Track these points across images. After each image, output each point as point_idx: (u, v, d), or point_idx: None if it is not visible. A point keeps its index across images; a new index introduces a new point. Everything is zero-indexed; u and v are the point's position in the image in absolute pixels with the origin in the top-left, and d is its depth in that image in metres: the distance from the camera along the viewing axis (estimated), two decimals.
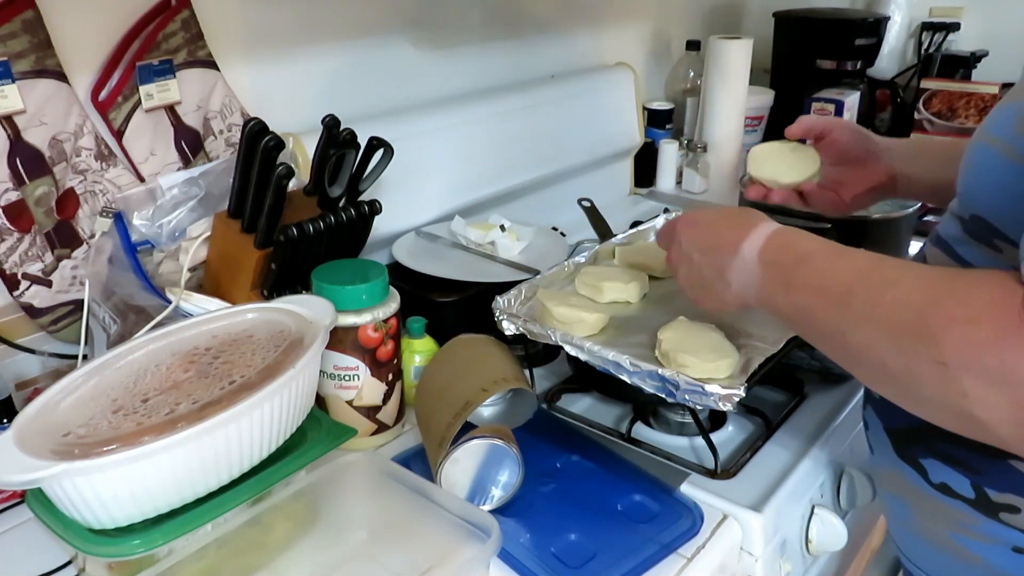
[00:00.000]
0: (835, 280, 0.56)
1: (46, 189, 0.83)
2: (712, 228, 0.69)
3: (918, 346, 0.47)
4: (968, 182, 0.58)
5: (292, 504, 0.66)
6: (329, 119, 0.83)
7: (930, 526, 0.63)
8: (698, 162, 1.59)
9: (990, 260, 0.55)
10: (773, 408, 0.88)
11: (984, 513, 0.58)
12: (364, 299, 0.78)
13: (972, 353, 0.45)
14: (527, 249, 1.13)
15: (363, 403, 0.81)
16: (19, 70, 0.78)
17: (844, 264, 0.56)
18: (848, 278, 0.55)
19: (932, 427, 0.58)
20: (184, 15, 0.90)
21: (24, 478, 0.54)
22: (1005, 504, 0.57)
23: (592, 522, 0.72)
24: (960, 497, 0.59)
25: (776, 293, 0.61)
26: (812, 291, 0.57)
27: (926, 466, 0.61)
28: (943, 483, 0.60)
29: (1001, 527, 0.57)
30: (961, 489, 0.59)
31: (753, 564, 0.74)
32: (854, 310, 0.53)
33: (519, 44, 1.37)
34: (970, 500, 0.59)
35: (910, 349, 0.48)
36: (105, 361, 0.67)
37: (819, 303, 0.56)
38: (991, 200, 0.55)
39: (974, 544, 0.60)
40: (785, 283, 0.60)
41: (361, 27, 1.12)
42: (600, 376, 0.76)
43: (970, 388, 0.45)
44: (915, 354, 0.48)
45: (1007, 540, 0.58)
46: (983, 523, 0.58)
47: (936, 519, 0.62)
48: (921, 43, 1.90)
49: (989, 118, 0.57)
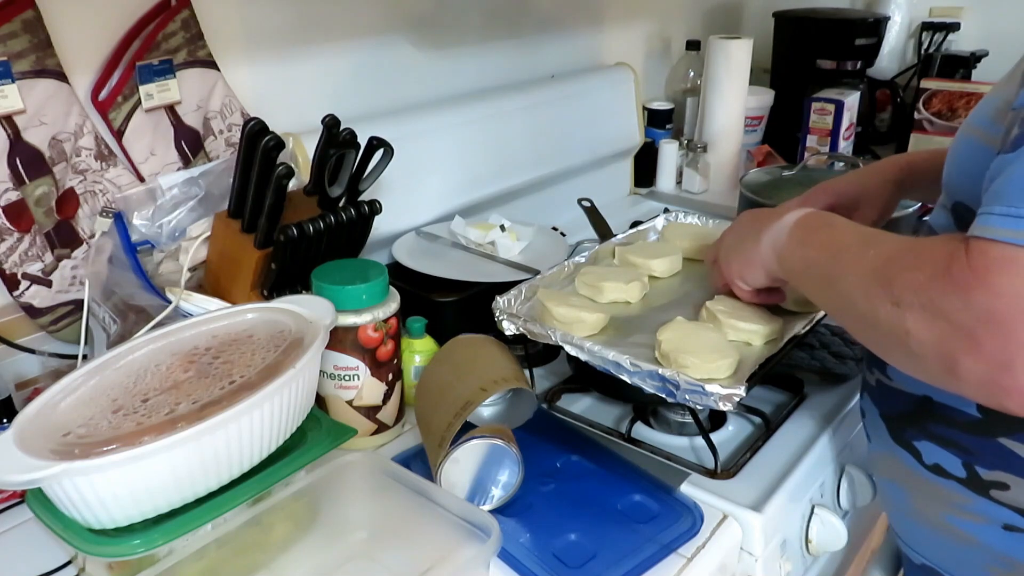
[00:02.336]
0: (840, 240, 0.62)
1: (46, 189, 0.83)
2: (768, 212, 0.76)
3: (879, 290, 0.53)
4: (951, 172, 0.64)
5: (292, 504, 0.66)
6: (329, 119, 0.83)
7: (925, 509, 0.67)
8: (698, 162, 1.59)
9: None
10: (773, 408, 0.88)
11: (975, 491, 0.62)
12: (364, 299, 0.78)
13: (913, 294, 0.51)
14: (527, 249, 1.13)
15: (363, 403, 0.81)
16: (19, 70, 0.78)
17: (855, 230, 0.63)
18: (849, 239, 0.61)
19: (925, 410, 0.64)
20: (184, 15, 0.90)
21: (24, 478, 0.54)
22: (994, 481, 0.61)
23: (592, 522, 0.72)
24: (952, 477, 0.63)
25: (793, 249, 0.68)
26: (818, 247, 0.65)
27: (920, 448, 0.65)
28: (936, 464, 0.64)
29: (992, 505, 0.61)
30: (953, 469, 0.63)
31: (753, 564, 0.74)
32: (844, 261, 0.59)
33: (519, 44, 1.37)
34: (962, 479, 0.62)
35: (873, 293, 0.54)
36: (105, 361, 0.67)
37: (821, 256, 0.63)
38: (971, 187, 0.58)
39: (967, 524, 0.63)
40: (803, 241, 0.67)
41: (361, 27, 1.12)
42: (600, 376, 0.76)
43: (912, 326, 0.51)
44: (875, 297, 0.54)
45: (998, 518, 0.61)
46: (975, 502, 0.62)
47: (930, 501, 0.65)
48: (921, 43, 1.90)
49: (972, 112, 0.64)
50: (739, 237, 0.78)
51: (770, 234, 0.71)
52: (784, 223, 0.70)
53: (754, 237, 0.74)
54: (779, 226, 0.70)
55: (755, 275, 0.76)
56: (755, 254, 0.74)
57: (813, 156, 1.45)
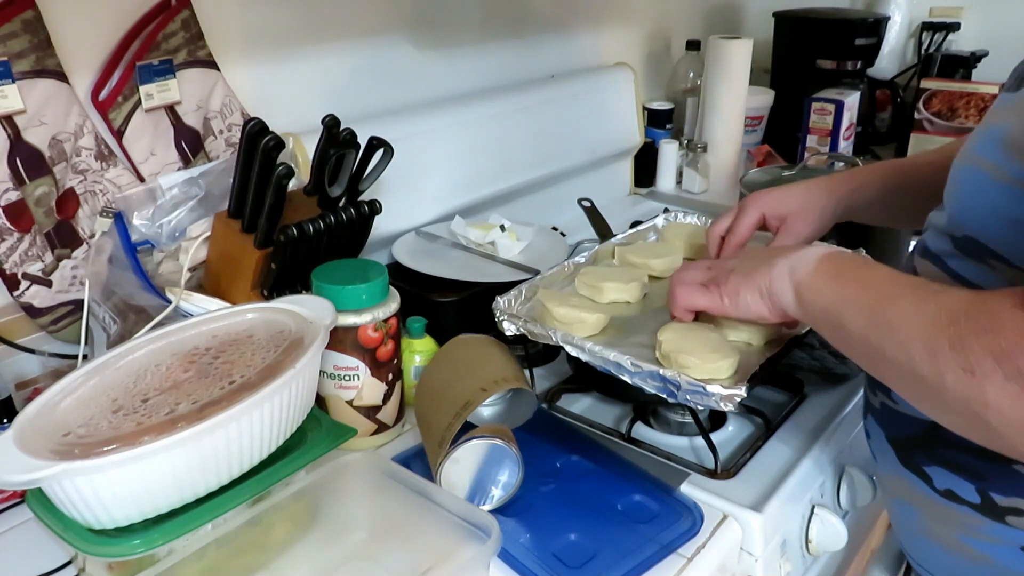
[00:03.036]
0: (884, 283, 0.57)
1: (46, 189, 0.83)
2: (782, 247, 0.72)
3: (949, 352, 0.48)
4: (958, 205, 0.59)
5: (292, 504, 0.66)
6: (329, 119, 0.83)
7: (938, 530, 0.64)
8: (698, 162, 1.59)
9: (984, 275, 0.56)
10: (773, 408, 0.88)
11: (990, 517, 0.59)
12: (364, 299, 0.78)
13: (994, 362, 0.45)
14: (527, 249, 1.13)
15: (363, 403, 0.81)
16: (19, 70, 0.78)
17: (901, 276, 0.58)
18: (899, 285, 0.56)
19: (935, 436, 0.60)
20: (184, 15, 0.90)
21: (24, 478, 0.54)
22: (1011, 508, 0.57)
23: (592, 522, 0.72)
24: (966, 502, 0.60)
25: (822, 283, 0.61)
26: (860, 287, 0.58)
27: (930, 474, 0.62)
28: (948, 489, 0.60)
29: (1008, 529, 0.58)
30: (967, 495, 0.59)
31: (753, 564, 0.74)
32: (897, 310, 0.53)
33: (519, 44, 1.37)
34: (976, 505, 0.59)
35: (941, 354, 0.48)
36: (105, 361, 0.67)
37: (864, 296, 0.57)
38: (983, 221, 0.56)
39: (982, 544, 0.60)
40: (836, 275, 0.61)
41: (361, 27, 1.12)
42: (600, 376, 0.76)
43: (993, 398, 0.45)
44: (945, 359, 0.48)
45: (1015, 540, 0.58)
46: (990, 526, 0.59)
47: (943, 523, 0.62)
48: (921, 43, 1.90)
49: (974, 140, 0.59)
50: (751, 257, 0.71)
51: (788, 262, 0.65)
52: (807, 255, 0.64)
53: (767, 261, 0.67)
54: (801, 257, 0.64)
55: (756, 304, 0.68)
56: (763, 278, 0.67)
57: (813, 156, 1.45)
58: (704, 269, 0.76)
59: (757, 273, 0.67)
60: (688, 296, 0.75)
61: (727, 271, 0.71)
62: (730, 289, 0.70)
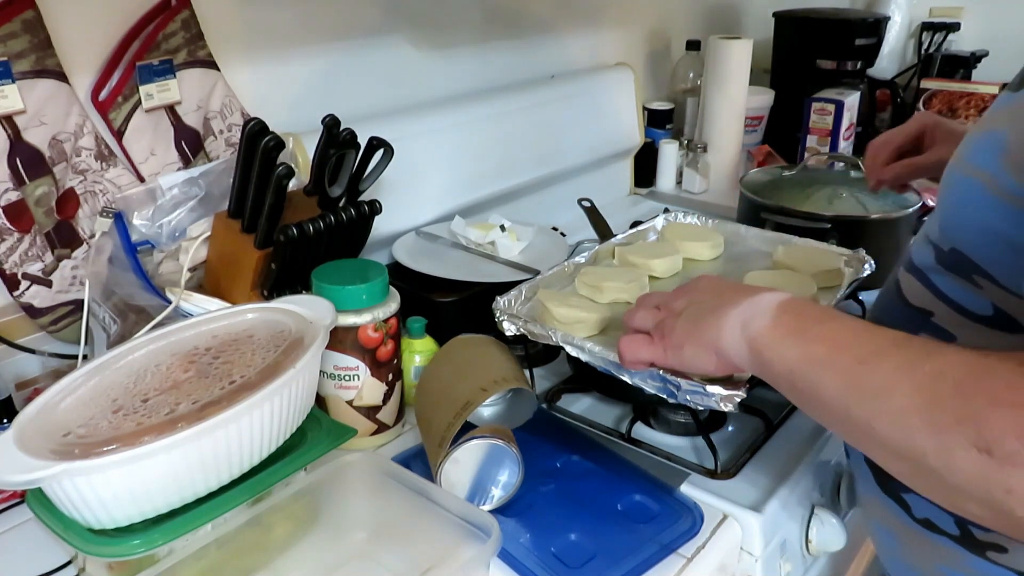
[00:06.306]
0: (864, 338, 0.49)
1: (46, 189, 0.83)
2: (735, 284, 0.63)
3: (955, 426, 0.41)
4: (949, 216, 0.55)
5: (292, 504, 0.66)
6: (329, 119, 0.83)
7: (917, 560, 0.61)
8: (698, 162, 1.59)
9: (968, 293, 0.54)
10: (773, 408, 0.88)
11: (970, 551, 0.55)
12: (364, 299, 0.78)
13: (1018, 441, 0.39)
14: (527, 249, 1.13)
15: (363, 403, 0.81)
16: (19, 70, 0.78)
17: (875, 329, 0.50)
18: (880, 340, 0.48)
19: None
20: (184, 15, 0.90)
21: (24, 478, 0.54)
22: (991, 543, 0.54)
23: (592, 522, 0.72)
24: (945, 533, 0.56)
25: (783, 339, 0.53)
26: (831, 344, 0.50)
27: (909, 501, 0.59)
28: (927, 519, 0.58)
29: (989, 565, 0.55)
30: (945, 526, 0.56)
31: (753, 564, 0.74)
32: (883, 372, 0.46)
33: (519, 44, 1.37)
34: (955, 537, 0.56)
35: (945, 428, 0.42)
36: (105, 361, 0.67)
37: (838, 358, 0.49)
38: (973, 236, 0.52)
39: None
40: (799, 330, 0.53)
41: (361, 27, 1.12)
42: (600, 376, 0.76)
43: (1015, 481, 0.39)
44: (951, 434, 0.41)
45: None
46: (970, 560, 0.56)
47: (923, 553, 0.60)
48: (921, 43, 1.90)
49: (967, 147, 0.55)
50: (697, 308, 0.61)
51: (739, 313, 0.56)
52: (761, 304, 0.55)
53: (715, 312, 0.58)
54: (753, 305, 0.56)
55: (700, 359, 0.60)
56: (710, 331, 0.58)
57: (813, 156, 1.45)
58: (653, 311, 0.66)
59: (704, 324, 0.59)
60: (633, 351, 0.66)
61: (675, 315, 0.63)
62: (674, 342, 0.62)
